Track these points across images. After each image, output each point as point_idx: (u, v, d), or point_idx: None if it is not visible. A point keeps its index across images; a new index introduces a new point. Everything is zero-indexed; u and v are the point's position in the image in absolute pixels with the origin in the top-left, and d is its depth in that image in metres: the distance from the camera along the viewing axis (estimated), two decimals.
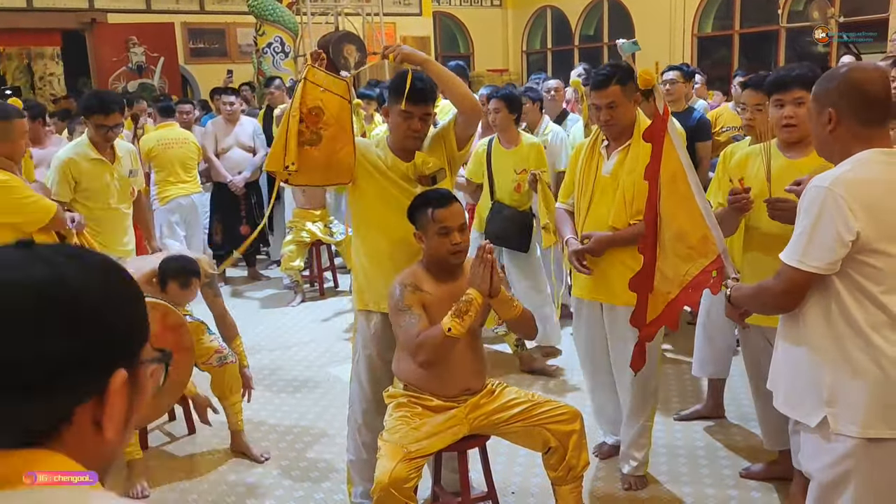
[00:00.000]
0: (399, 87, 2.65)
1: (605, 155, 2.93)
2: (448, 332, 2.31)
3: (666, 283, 2.52)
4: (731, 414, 3.71)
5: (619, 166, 2.87)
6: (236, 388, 3.44)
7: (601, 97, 2.83)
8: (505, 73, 14.97)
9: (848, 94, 1.91)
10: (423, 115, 2.68)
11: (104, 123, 3.79)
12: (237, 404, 3.47)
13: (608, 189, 2.89)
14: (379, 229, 2.73)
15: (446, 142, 2.75)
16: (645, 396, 3.05)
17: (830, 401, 1.91)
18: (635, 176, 2.80)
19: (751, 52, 12.10)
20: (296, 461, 3.45)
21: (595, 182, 2.92)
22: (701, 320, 3.59)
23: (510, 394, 2.63)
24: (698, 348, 3.61)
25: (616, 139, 2.91)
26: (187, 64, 12.06)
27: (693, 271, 2.44)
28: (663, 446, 3.45)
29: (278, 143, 2.63)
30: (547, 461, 2.59)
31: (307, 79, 2.63)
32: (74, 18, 11.23)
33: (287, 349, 4.94)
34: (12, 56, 13.06)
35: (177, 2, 12.06)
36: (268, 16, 9.50)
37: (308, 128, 2.62)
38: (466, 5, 15.80)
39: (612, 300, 2.96)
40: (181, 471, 3.39)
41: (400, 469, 2.32)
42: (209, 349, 3.33)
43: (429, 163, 2.69)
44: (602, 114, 2.84)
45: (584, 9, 14.54)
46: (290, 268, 5.80)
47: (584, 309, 3.11)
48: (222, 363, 3.38)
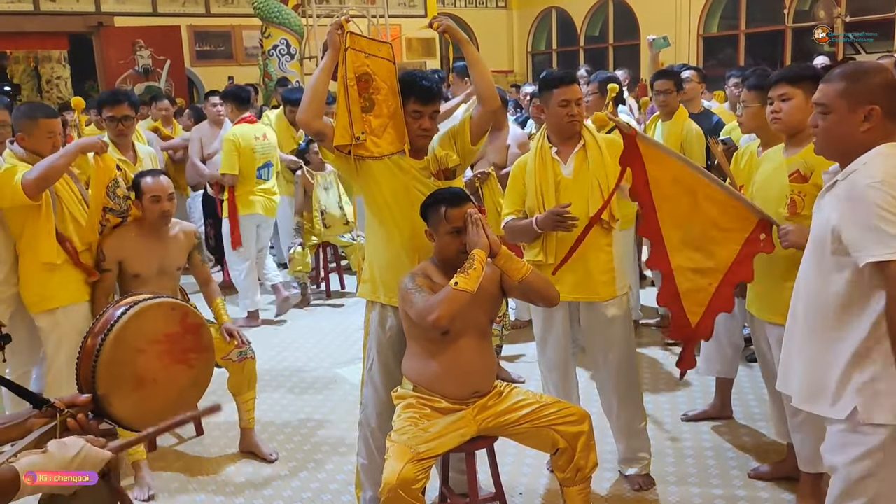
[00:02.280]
0: (407, 88, 2.68)
1: (560, 160, 2.98)
2: (455, 286, 2.32)
3: (699, 278, 2.65)
4: (738, 414, 3.71)
5: (580, 166, 2.95)
6: (252, 385, 3.48)
7: (575, 92, 2.93)
8: (510, 74, 14.98)
9: (891, 92, 1.92)
10: (432, 113, 2.72)
11: (113, 115, 3.85)
12: (251, 401, 3.51)
13: (574, 188, 2.94)
14: (394, 223, 2.73)
15: (459, 138, 2.78)
16: (633, 395, 3.08)
17: (862, 390, 1.92)
18: (606, 171, 2.92)
19: (757, 51, 12.09)
20: (303, 462, 3.46)
21: (559, 185, 2.96)
22: None
23: (518, 395, 2.64)
24: (705, 347, 3.60)
25: (563, 141, 2.98)
26: (193, 66, 12.12)
27: (736, 248, 2.59)
28: (670, 447, 3.45)
29: (342, 115, 2.63)
30: (555, 462, 2.60)
31: (350, 47, 2.63)
32: (81, 22, 11.29)
33: (293, 350, 4.96)
34: (19, 59, 13.15)
35: (183, 5, 12.11)
36: (273, 18, 9.54)
37: (360, 95, 2.64)
38: (471, 7, 15.82)
39: (593, 297, 2.97)
40: (189, 472, 3.41)
41: (408, 470, 2.32)
42: (229, 345, 3.38)
43: (452, 156, 2.76)
44: (577, 109, 2.94)
45: (590, 10, 14.55)
46: (298, 271, 5.83)
47: (556, 314, 3.05)
48: (242, 358, 3.41)
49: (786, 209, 2.68)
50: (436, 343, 2.55)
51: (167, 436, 3.75)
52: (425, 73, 2.73)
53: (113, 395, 1.70)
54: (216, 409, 1.70)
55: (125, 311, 1.77)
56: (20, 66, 13.20)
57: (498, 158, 4.36)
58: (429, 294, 2.43)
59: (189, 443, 3.71)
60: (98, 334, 1.73)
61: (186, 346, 1.81)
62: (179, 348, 1.80)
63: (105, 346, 1.72)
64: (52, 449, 1.45)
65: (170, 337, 1.80)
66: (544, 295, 2.57)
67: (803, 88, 2.66)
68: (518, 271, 2.48)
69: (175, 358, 1.79)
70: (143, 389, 1.73)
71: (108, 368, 1.72)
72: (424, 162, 2.74)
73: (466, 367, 2.56)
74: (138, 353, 1.75)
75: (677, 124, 4.53)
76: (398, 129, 2.70)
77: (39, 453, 1.45)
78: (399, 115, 2.70)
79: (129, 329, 1.76)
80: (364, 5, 12.01)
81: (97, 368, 1.72)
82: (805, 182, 2.64)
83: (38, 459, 1.42)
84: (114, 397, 1.70)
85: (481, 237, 2.41)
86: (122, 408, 1.70)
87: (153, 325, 1.80)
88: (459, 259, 2.45)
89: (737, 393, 3.80)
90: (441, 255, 2.56)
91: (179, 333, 1.80)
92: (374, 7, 11.65)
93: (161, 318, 1.81)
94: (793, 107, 2.68)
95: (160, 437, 3.68)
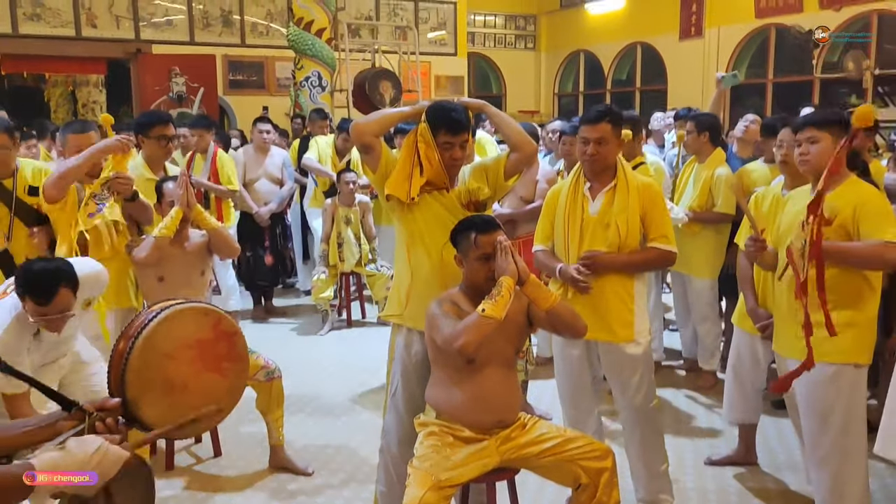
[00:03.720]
0: (437, 119, 2.72)
1: (590, 196, 2.99)
2: (482, 313, 2.31)
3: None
4: (763, 460, 3.64)
5: (607, 206, 2.95)
6: (280, 403, 3.51)
7: (592, 132, 2.92)
8: (536, 114, 15.11)
9: None
10: (462, 143, 2.75)
11: (165, 134, 3.96)
12: (280, 419, 3.54)
13: (598, 228, 2.95)
14: (424, 248, 2.76)
15: (492, 173, 2.84)
16: (655, 437, 3.05)
17: None
18: (628, 214, 2.92)
19: (784, 101, 12.10)
20: (322, 488, 3.43)
21: (584, 222, 2.97)
22: (731, 363, 3.53)
23: (542, 428, 2.61)
24: (728, 392, 3.56)
25: (597, 177, 2.99)
26: (226, 95, 12.34)
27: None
28: (693, 489, 3.38)
29: (403, 168, 2.72)
30: (577, 498, 2.55)
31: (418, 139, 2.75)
32: (121, 48, 11.58)
33: (314, 376, 4.95)
34: (58, 83, 13.47)
35: (219, 35, 12.39)
36: (307, 50, 9.71)
37: (420, 162, 2.73)
38: (500, 47, 16.04)
39: (610, 338, 2.96)
40: (207, 491, 3.39)
41: (429, 498, 2.29)
42: (256, 365, 3.41)
43: (484, 189, 2.80)
44: (590, 148, 2.92)
45: (618, 54, 14.69)
46: (321, 298, 5.86)
47: (575, 351, 3.05)
48: (270, 378, 3.44)
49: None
50: (461, 371, 2.54)
51: (186, 456, 3.74)
52: (454, 105, 2.77)
53: (142, 400, 1.70)
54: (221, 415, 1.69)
55: (156, 315, 1.77)
56: (58, 90, 13.51)
57: (526, 193, 4.39)
58: (456, 321, 2.43)
59: (206, 463, 3.69)
60: (129, 338, 1.74)
61: (219, 354, 1.79)
62: (212, 355, 1.78)
63: (135, 350, 1.72)
64: (70, 446, 1.45)
65: (201, 343, 1.79)
66: (571, 325, 2.55)
67: (831, 132, 2.69)
68: (546, 300, 2.47)
69: (207, 365, 1.77)
70: (174, 395, 1.72)
71: (138, 373, 1.72)
72: (456, 192, 2.78)
73: (491, 396, 2.54)
74: (168, 359, 1.74)
75: (709, 168, 4.47)
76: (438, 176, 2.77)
77: (58, 449, 1.45)
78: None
79: (160, 333, 1.76)
80: (396, 42, 12.21)
81: (126, 372, 1.72)
82: (829, 225, 2.62)
83: (57, 456, 1.42)
84: (143, 402, 1.70)
85: (510, 264, 2.41)
86: (151, 413, 1.70)
87: (184, 330, 1.79)
88: (488, 285, 2.45)
89: (762, 440, 3.73)
90: (469, 282, 2.57)
91: (212, 340, 1.79)
92: (405, 44, 11.83)
93: (192, 322, 1.81)
94: (820, 149, 2.70)
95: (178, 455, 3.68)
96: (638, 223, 2.94)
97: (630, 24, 14.18)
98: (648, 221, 2.96)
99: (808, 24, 11.30)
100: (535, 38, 16.39)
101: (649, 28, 13.71)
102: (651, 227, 2.96)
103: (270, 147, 6.41)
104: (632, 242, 2.94)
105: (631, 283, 2.97)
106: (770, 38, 12.08)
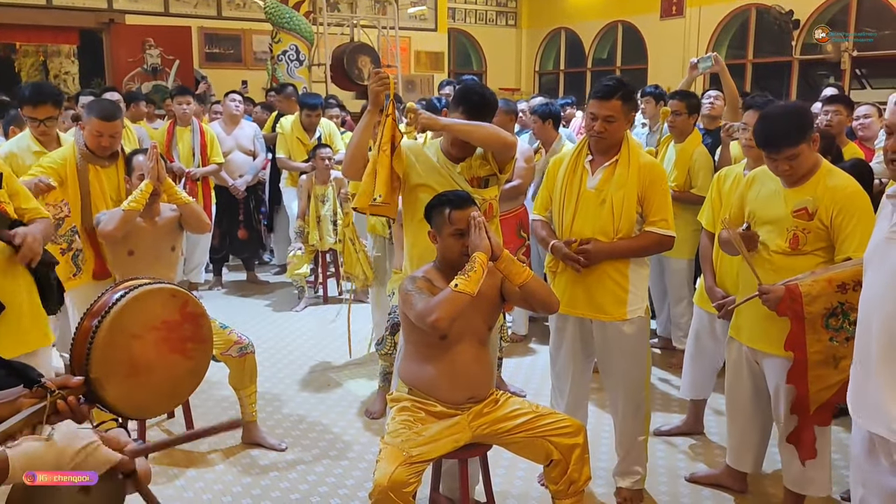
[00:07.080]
0: (461, 99, 2.84)
1: (590, 170, 2.94)
2: (455, 288, 2.31)
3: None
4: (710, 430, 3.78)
5: (605, 182, 2.89)
6: (254, 379, 3.50)
7: (602, 108, 2.84)
8: (517, 92, 15.04)
9: None
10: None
11: (34, 116, 3.74)
12: (253, 395, 3.52)
13: (592, 203, 2.90)
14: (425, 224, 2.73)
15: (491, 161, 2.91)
16: (638, 411, 3.05)
17: None
18: (625, 192, 2.85)
19: (763, 82, 12.15)
20: (295, 463, 3.42)
21: (580, 195, 2.93)
22: (690, 343, 3.67)
23: (514, 404, 2.61)
24: (686, 369, 3.69)
25: (603, 153, 2.92)
26: (202, 68, 12.13)
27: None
28: (663, 467, 3.42)
29: (368, 179, 2.76)
30: (548, 474, 2.57)
31: (391, 114, 2.76)
32: (93, 18, 11.32)
33: (289, 352, 4.94)
34: (29, 53, 13.17)
35: (195, 6, 12.15)
36: (284, 24, 9.58)
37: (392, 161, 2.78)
38: (481, 23, 15.91)
39: (601, 317, 2.95)
40: (179, 466, 3.37)
41: (399, 473, 2.29)
42: (229, 340, 3.38)
43: (486, 166, 2.85)
44: (597, 125, 2.85)
45: (599, 32, 14.64)
46: (297, 275, 5.83)
47: (568, 326, 3.06)
48: (243, 354, 3.41)
49: (787, 243, 2.68)
50: (433, 347, 2.53)
51: (157, 431, 3.71)
52: (477, 88, 2.84)
53: (106, 380, 1.65)
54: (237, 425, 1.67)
55: (124, 295, 1.72)
56: (29, 60, 13.21)
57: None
58: (429, 296, 2.42)
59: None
60: (95, 316, 1.69)
61: (184, 336, 1.75)
62: (177, 337, 1.74)
63: (101, 329, 1.68)
64: (57, 437, 1.39)
65: (168, 324, 1.74)
66: (545, 301, 2.55)
67: (805, 142, 2.63)
68: (519, 276, 2.46)
69: (172, 346, 1.74)
70: (138, 376, 1.69)
71: (103, 352, 1.67)
72: (460, 167, 2.86)
73: (463, 372, 2.54)
74: (134, 339, 1.70)
75: (688, 148, 4.49)
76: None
77: (42, 440, 1.38)
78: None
79: (127, 313, 1.71)
80: (375, 16, 12.07)
81: (92, 351, 1.67)
82: (810, 220, 2.63)
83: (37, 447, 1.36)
84: (107, 382, 1.65)
85: (483, 240, 2.40)
86: (114, 393, 1.65)
87: (151, 311, 1.75)
88: (461, 261, 2.44)
89: (710, 412, 3.86)
90: (443, 257, 2.56)
91: (178, 321, 1.75)
92: (384, 18, 11.69)
93: (160, 304, 1.77)
94: (800, 162, 2.65)
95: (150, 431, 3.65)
96: (634, 203, 2.85)
97: (611, 3, 14.13)
98: (647, 203, 2.86)
99: (788, 5, 11.33)
100: (516, 14, 16.27)
101: (630, 7, 13.66)
102: (650, 209, 2.87)
103: (241, 120, 6.38)
104: (626, 223, 2.85)
105: (626, 264, 2.92)
106: (751, 18, 12.10)
